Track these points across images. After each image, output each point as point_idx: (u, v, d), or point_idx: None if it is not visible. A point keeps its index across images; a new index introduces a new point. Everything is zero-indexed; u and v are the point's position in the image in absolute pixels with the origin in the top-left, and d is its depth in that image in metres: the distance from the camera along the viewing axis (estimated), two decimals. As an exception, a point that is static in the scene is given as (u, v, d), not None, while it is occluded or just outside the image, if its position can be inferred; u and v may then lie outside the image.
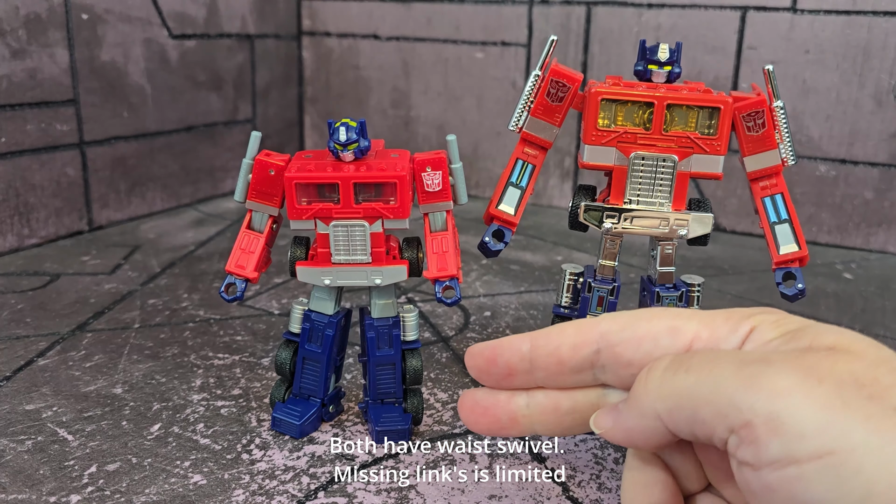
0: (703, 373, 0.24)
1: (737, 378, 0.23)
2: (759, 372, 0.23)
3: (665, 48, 0.38)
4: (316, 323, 0.38)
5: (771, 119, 0.38)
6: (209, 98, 0.85)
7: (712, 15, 0.77)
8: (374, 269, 0.36)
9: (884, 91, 0.73)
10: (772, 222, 0.39)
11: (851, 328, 0.55)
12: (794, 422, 0.22)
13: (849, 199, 0.77)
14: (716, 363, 0.24)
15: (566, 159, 0.87)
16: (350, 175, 0.34)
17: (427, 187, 0.35)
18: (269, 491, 0.34)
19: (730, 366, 0.24)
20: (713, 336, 0.27)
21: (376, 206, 0.34)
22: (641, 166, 0.38)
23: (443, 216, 0.37)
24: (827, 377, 0.23)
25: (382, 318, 0.38)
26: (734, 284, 0.64)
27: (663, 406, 0.25)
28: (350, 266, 0.36)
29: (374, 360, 0.38)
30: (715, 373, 0.24)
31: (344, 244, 0.36)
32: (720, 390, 0.24)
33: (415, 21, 0.90)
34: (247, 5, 0.88)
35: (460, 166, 0.36)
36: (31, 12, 0.64)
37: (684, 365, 0.25)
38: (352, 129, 0.34)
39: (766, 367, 0.23)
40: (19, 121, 0.65)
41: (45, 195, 0.68)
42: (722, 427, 0.23)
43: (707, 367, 0.24)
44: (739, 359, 0.24)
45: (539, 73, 0.39)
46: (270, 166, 0.35)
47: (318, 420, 0.39)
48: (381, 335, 0.38)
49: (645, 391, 0.26)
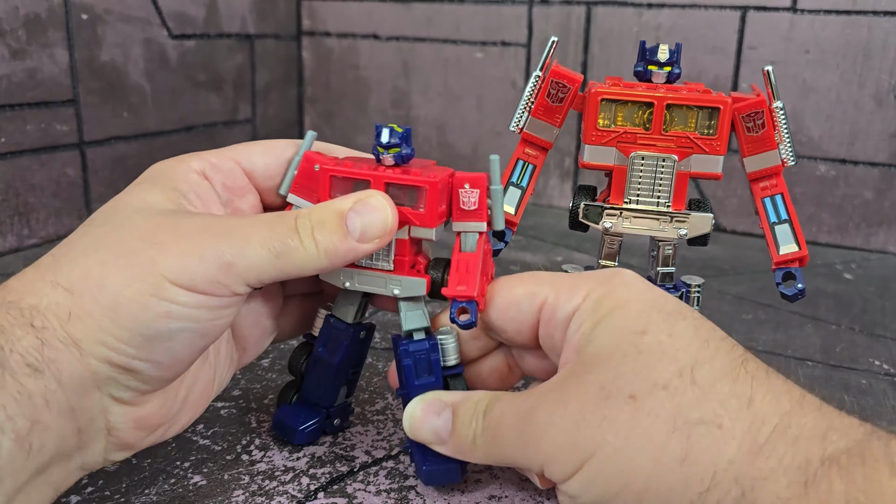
0: (492, 446, 0.31)
1: (517, 441, 0.30)
2: (526, 426, 0.30)
3: (665, 49, 0.38)
4: (333, 328, 0.37)
5: (770, 119, 0.38)
6: (209, 98, 0.85)
7: (712, 15, 0.77)
8: (394, 277, 0.34)
9: (884, 91, 0.73)
10: (772, 222, 0.39)
11: (851, 329, 0.56)
12: (554, 455, 0.29)
13: (849, 200, 0.77)
14: (500, 434, 0.31)
15: (566, 159, 0.87)
16: (383, 175, 0.33)
17: (463, 204, 0.34)
18: (268, 491, 0.34)
19: (509, 432, 0.30)
20: (556, 302, 0.32)
21: (404, 210, 0.33)
22: (641, 166, 0.38)
23: (474, 238, 0.34)
24: (570, 399, 0.29)
25: (418, 342, 0.34)
26: (734, 285, 0.64)
27: (477, 456, 0.32)
28: (371, 271, 0.35)
29: (415, 390, 0.34)
30: (502, 445, 0.31)
31: None
32: (510, 459, 0.31)
33: (415, 21, 0.90)
34: (246, 5, 0.88)
35: (500, 189, 0.34)
36: (30, 12, 0.64)
37: (482, 432, 0.31)
38: (396, 134, 0.33)
39: (531, 419, 0.30)
40: (19, 121, 0.65)
41: (45, 195, 0.68)
42: (530, 465, 0.30)
43: (494, 443, 0.31)
44: (516, 421, 0.30)
45: (539, 74, 0.39)
46: (317, 161, 0.34)
47: (319, 430, 0.38)
48: (419, 362, 0.34)
49: (459, 437, 0.32)
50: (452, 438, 0.32)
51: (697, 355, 0.28)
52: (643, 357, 0.28)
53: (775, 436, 0.26)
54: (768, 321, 0.56)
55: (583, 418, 0.28)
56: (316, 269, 0.31)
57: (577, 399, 0.28)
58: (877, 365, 0.50)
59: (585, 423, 0.28)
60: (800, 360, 0.50)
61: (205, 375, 0.34)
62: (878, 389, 0.46)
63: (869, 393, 0.46)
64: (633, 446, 0.27)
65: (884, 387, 0.47)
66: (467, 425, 0.31)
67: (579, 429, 0.28)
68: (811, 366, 0.49)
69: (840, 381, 0.47)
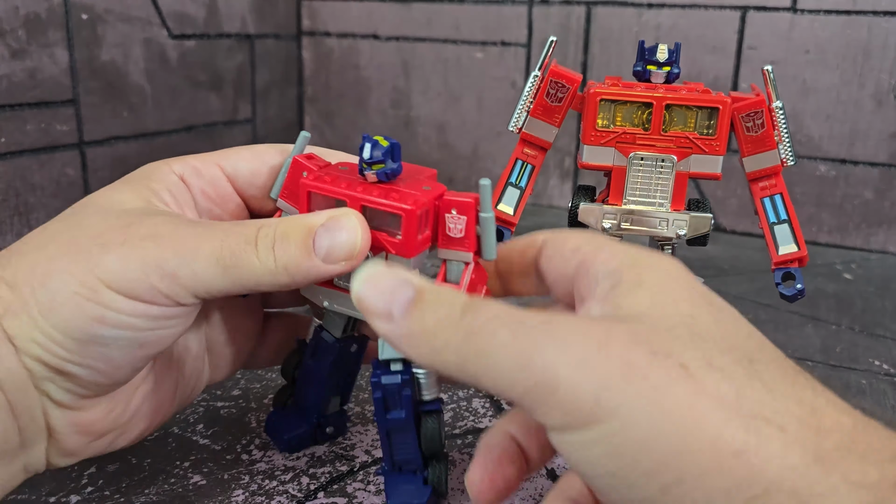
0: (468, 347, 0.24)
1: (511, 349, 0.23)
2: (534, 342, 0.23)
3: (664, 48, 0.38)
4: (322, 341, 0.36)
5: (770, 119, 0.38)
6: (209, 98, 0.85)
7: (712, 15, 0.77)
8: None
9: (884, 91, 0.73)
10: (771, 223, 0.39)
11: (851, 329, 0.56)
12: (567, 392, 0.22)
13: (849, 200, 0.77)
14: (496, 332, 0.24)
15: (566, 159, 0.87)
16: (359, 196, 0.30)
17: (448, 231, 0.31)
18: (268, 491, 0.34)
19: (508, 334, 0.24)
20: (596, 257, 0.28)
21: (380, 235, 0.31)
22: (640, 166, 0.38)
23: (460, 268, 0.31)
24: (610, 341, 0.23)
25: (391, 374, 0.32)
26: (734, 285, 0.64)
27: (454, 360, 0.24)
28: (346, 293, 0.32)
29: (384, 424, 0.32)
30: (495, 342, 0.24)
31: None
32: (491, 370, 0.24)
33: (414, 21, 0.90)
34: (246, 5, 0.88)
35: (491, 217, 0.30)
36: (30, 12, 0.64)
37: (472, 326, 0.24)
38: (380, 148, 0.30)
39: (544, 337, 0.23)
40: (19, 121, 0.65)
41: (45, 195, 0.68)
42: (516, 390, 0.23)
43: (488, 337, 0.24)
44: (518, 327, 0.24)
45: (538, 73, 0.39)
46: (305, 168, 0.32)
47: (306, 439, 0.37)
48: (389, 396, 0.32)
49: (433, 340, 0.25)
50: (406, 319, 0.25)
51: (754, 351, 0.24)
52: (694, 335, 0.24)
53: (840, 451, 0.22)
54: (768, 321, 0.56)
55: (622, 369, 0.22)
56: (275, 285, 0.29)
57: (620, 344, 0.23)
58: (877, 365, 0.50)
59: (624, 376, 0.22)
60: (800, 360, 0.50)
61: (165, 387, 0.33)
62: (878, 390, 0.46)
63: (869, 393, 0.46)
64: (682, 422, 0.21)
65: (884, 387, 0.47)
66: (432, 310, 0.25)
67: (613, 379, 0.22)
68: (811, 366, 0.49)
69: (840, 382, 0.47)
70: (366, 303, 0.26)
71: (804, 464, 0.22)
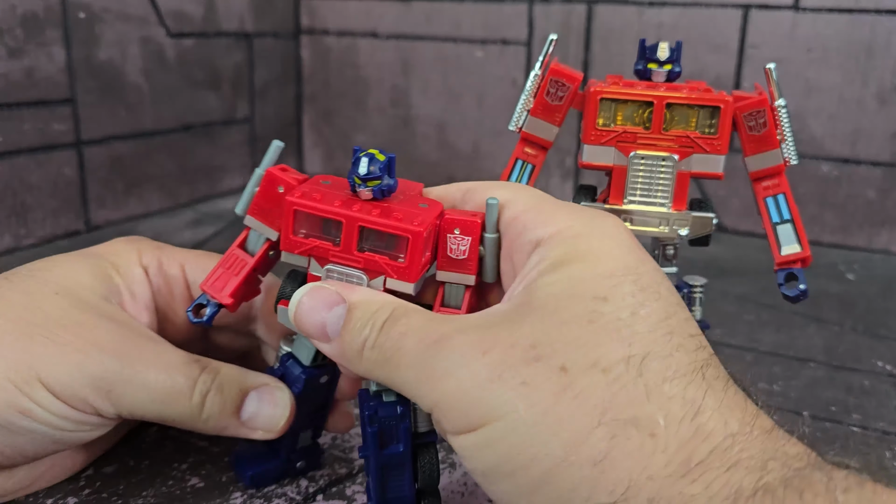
0: (382, 366, 0.26)
1: (414, 367, 0.25)
2: (431, 357, 0.25)
3: (665, 47, 0.38)
4: (288, 370, 0.33)
5: (773, 118, 0.37)
6: (207, 97, 0.85)
7: (714, 13, 0.77)
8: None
9: (887, 90, 0.73)
10: (774, 222, 0.39)
11: (854, 330, 0.55)
12: (457, 399, 0.24)
13: (852, 199, 0.76)
14: (404, 350, 0.25)
15: (567, 159, 0.87)
16: (357, 216, 0.28)
17: (450, 252, 0.29)
18: (267, 494, 0.34)
19: (413, 351, 0.25)
20: (528, 220, 0.28)
21: (380, 259, 0.28)
22: (641, 166, 0.38)
23: (460, 292, 0.29)
24: (494, 346, 0.24)
25: (388, 405, 0.29)
26: (737, 285, 0.64)
27: (361, 369, 0.27)
28: None
29: (378, 461, 0.30)
30: (403, 361, 0.25)
31: None
32: (398, 386, 0.26)
33: (414, 19, 0.90)
34: (245, 4, 0.88)
35: (496, 238, 0.29)
36: (27, 11, 0.64)
37: (378, 344, 0.26)
38: (376, 163, 0.28)
39: (438, 350, 0.25)
40: (16, 120, 0.65)
41: (42, 195, 0.68)
42: (425, 404, 0.25)
43: (385, 363, 0.26)
44: (422, 340, 0.25)
45: (538, 72, 0.39)
46: (281, 182, 0.30)
47: (279, 474, 0.34)
48: (386, 430, 0.29)
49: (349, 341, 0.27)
50: (339, 340, 0.27)
51: (655, 346, 0.24)
52: (592, 328, 0.24)
53: (712, 458, 0.22)
54: (771, 322, 0.56)
55: (500, 374, 0.24)
56: (197, 429, 0.31)
57: (502, 349, 0.24)
58: (879, 366, 0.49)
59: (501, 380, 0.23)
60: (802, 361, 0.50)
61: (64, 458, 0.34)
62: (881, 390, 0.46)
63: (872, 394, 0.45)
64: (546, 427, 0.23)
65: (886, 388, 0.46)
66: (358, 331, 0.26)
67: (492, 384, 0.23)
68: (813, 367, 0.49)
69: (843, 383, 0.47)
70: (304, 326, 0.27)
71: (666, 473, 0.22)
